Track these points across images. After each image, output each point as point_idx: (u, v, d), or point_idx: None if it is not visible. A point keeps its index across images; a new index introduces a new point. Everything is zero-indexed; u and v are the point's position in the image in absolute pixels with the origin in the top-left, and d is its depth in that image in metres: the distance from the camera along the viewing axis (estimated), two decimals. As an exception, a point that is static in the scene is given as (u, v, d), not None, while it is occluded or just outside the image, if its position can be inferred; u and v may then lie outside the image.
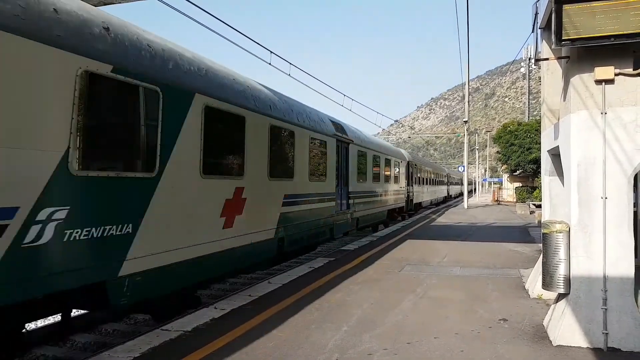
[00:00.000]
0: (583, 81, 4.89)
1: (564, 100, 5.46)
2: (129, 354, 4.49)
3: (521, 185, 37.44)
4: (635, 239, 4.87)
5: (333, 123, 12.82)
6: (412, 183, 26.00)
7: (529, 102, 39.90)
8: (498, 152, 38.50)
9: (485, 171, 77.74)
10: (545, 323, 5.39)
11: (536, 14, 6.45)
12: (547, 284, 5.09)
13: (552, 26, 4.73)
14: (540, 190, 9.91)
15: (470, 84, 30.46)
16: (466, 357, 4.47)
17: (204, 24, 9.49)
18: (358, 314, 5.91)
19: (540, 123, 13.80)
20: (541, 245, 5.48)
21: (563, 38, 4.67)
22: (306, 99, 12.46)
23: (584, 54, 4.89)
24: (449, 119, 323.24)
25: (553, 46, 4.81)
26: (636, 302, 4.71)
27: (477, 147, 67.34)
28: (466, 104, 30.54)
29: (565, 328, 4.79)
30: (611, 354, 4.52)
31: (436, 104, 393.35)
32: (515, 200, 36.31)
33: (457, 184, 63.24)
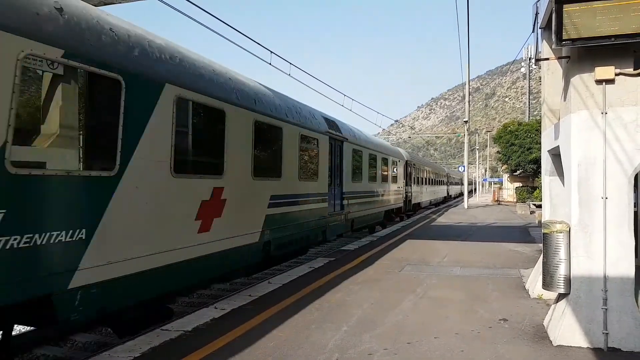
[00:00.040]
0: (583, 81, 4.89)
1: (565, 100, 5.46)
2: (129, 354, 4.49)
3: (521, 185, 37.45)
4: (635, 239, 4.87)
5: (326, 120, 12.17)
6: (411, 183, 25.92)
7: (529, 102, 39.93)
8: (498, 152, 38.53)
9: (486, 171, 77.79)
10: (545, 323, 5.39)
11: (536, 14, 6.44)
12: (548, 284, 5.09)
13: (552, 26, 4.73)
14: (541, 190, 9.91)
15: (470, 83, 30.47)
16: (466, 357, 4.47)
17: (204, 24, 9.51)
18: (358, 314, 5.91)
19: (540, 123, 13.79)
20: (541, 245, 5.48)
21: (563, 38, 4.67)
22: (306, 99, 12.41)
23: (585, 53, 4.89)
24: (449, 119, 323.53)
25: (553, 46, 4.81)
26: (636, 302, 4.72)
27: (478, 147, 67.40)
28: (466, 103, 30.53)
29: (566, 328, 4.79)
30: (611, 354, 4.52)
31: (436, 104, 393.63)
32: (515, 200, 36.34)
33: (457, 184, 63.15)
